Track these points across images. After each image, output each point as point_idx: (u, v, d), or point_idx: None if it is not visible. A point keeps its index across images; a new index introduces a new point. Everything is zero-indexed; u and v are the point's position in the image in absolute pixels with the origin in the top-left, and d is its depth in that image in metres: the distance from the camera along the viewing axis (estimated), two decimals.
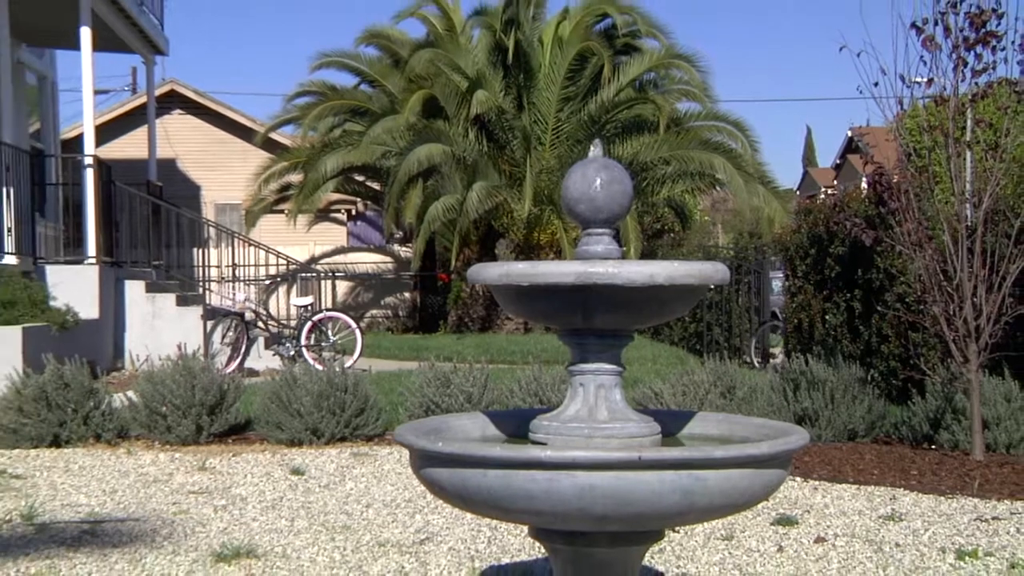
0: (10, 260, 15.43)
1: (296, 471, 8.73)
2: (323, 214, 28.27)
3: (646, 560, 4.65)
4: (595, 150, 4.13)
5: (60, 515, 7.37)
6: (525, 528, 4.29)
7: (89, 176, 16.94)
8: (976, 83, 9.12)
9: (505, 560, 6.20)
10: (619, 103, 24.35)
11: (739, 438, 4.22)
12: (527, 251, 23.93)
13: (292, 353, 16.38)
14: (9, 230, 16.04)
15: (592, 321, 3.99)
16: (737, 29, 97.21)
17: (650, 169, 23.81)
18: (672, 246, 26.24)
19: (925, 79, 9.22)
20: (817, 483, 8.13)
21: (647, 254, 24.14)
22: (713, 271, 3.96)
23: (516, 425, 4.36)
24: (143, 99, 26.55)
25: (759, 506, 4.34)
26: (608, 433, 3.95)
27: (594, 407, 4.03)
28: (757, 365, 16.85)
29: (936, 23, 8.95)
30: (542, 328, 19.43)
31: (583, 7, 25.09)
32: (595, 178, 4.01)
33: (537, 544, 4.16)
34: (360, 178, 27.17)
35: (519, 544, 6.39)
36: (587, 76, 24.35)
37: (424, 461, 3.92)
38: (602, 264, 3.82)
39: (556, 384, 9.83)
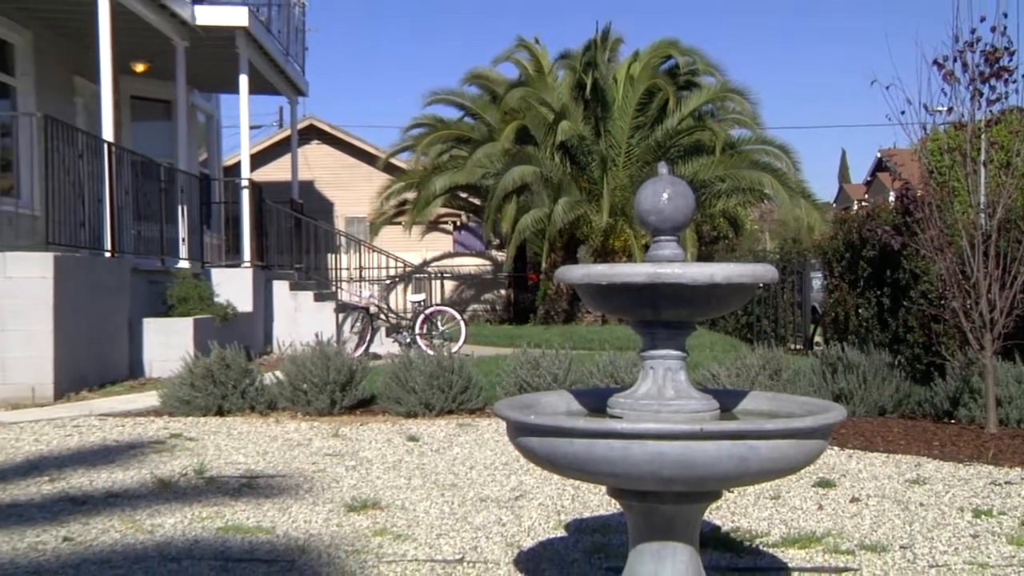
0: (184, 264, 15.70)
1: (412, 438, 8.77)
2: (433, 225, 28.36)
3: (705, 515, 4.59)
4: (662, 170, 4.12)
5: (223, 471, 7.49)
6: (604, 488, 4.25)
7: (245, 196, 17.16)
8: (990, 111, 9.06)
9: (586, 515, 6.18)
10: (681, 130, 24.25)
11: (786, 413, 4.18)
12: (604, 255, 23.89)
13: (408, 340, 16.44)
14: (183, 240, 16.32)
15: (660, 314, 3.98)
16: (783, 61, 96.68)
17: (708, 186, 23.66)
18: (726, 251, 26.00)
19: (945, 108, 9.13)
20: (852, 452, 8.03)
21: (704, 258, 23.93)
22: (763, 271, 3.96)
23: (596, 401, 4.35)
24: (288, 132, 26.83)
25: (802, 471, 4.30)
26: (674, 408, 3.94)
27: (662, 386, 4.01)
28: (800, 351, 16.68)
29: (955, 60, 8.89)
30: (616, 320, 19.40)
31: (650, 50, 25.14)
32: (663, 193, 4.01)
33: (613, 501, 4.12)
34: (464, 195, 27.23)
35: (598, 501, 6.36)
36: (654, 107, 24.27)
37: (519, 431, 3.93)
38: (669, 266, 3.83)
39: (629, 367, 9.77)
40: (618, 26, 27.06)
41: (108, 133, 13.65)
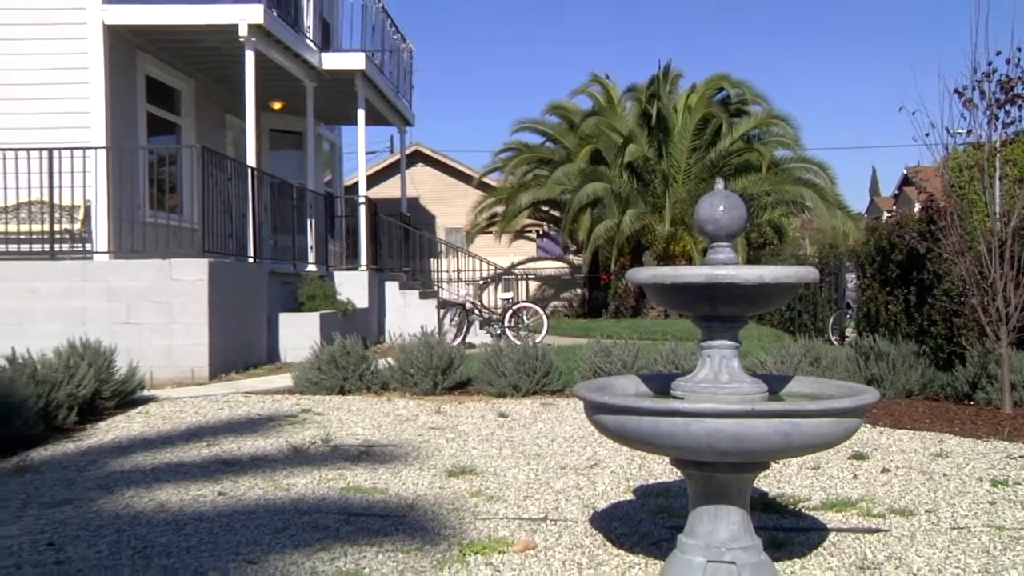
0: (312, 268, 15.88)
1: (502, 415, 8.77)
2: (519, 234, 28.36)
3: (755, 483, 4.53)
4: (718, 185, 4.15)
5: (345, 440, 7.56)
6: (667, 458, 4.22)
7: (362, 211, 17.30)
8: (1005, 132, 8.97)
9: (651, 481, 6.14)
10: (732, 151, 24.14)
11: (826, 395, 4.16)
12: (666, 259, 23.82)
13: (499, 332, 16.48)
14: (311, 247, 16.52)
15: (717, 309, 3.99)
16: (822, 88, 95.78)
17: (756, 199, 23.45)
18: (771, 255, 25.73)
19: (965, 130, 9.03)
20: (882, 429, 7.87)
21: (752, 261, 23.66)
22: (806, 273, 3.95)
23: (660, 385, 4.35)
24: (397, 157, 26.97)
25: (839, 445, 4.24)
26: (729, 391, 3.93)
27: (718, 372, 4.00)
28: (835, 342, 16.43)
29: (974, 88, 8.76)
30: (677, 314, 19.27)
31: (705, 83, 25.13)
32: (719, 206, 4.03)
33: (675, 469, 4.09)
34: (545, 208, 27.25)
35: (661, 470, 6.32)
36: (708, 132, 24.20)
37: (595, 410, 3.94)
38: (725, 268, 3.84)
39: (688, 355, 9.69)
40: (677, 63, 27.18)
41: (251, 160, 13.87)
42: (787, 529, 4.97)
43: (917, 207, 11.37)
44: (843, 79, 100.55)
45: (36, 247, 12.66)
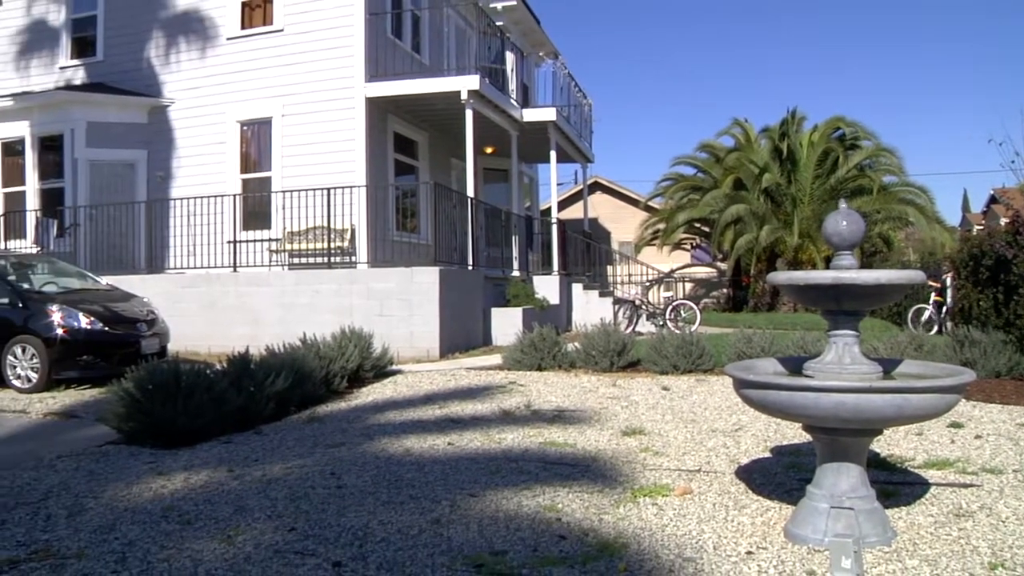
0: (515, 273, 16.09)
1: (664, 388, 8.65)
2: (676, 245, 27.84)
3: (870, 446, 4.32)
4: (842, 205, 4.02)
5: (541, 407, 7.61)
6: (798, 425, 4.08)
7: (554, 229, 17.41)
8: None
9: (784, 442, 5.94)
10: (848, 178, 23.15)
11: (931, 375, 3.94)
12: (795, 265, 23.01)
13: (661, 323, 16.24)
14: (515, 257, 16.75)
15: (841, 305, 3.87)
16: (923, 120, 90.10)
17: (868, 216, 22.28)
18: (880, 262, 24.44)
19: None
20: (975, 403, 7.34)
21: (864, 267, 22.53)
22: (916, 276, 3.79)
23: (794, 365, 4.23)
24: (580, 187, 26.96)
25: (940, 416, 4.00)
26: (851, 371, 3.79)
27: (842, 356, 3.86)
28: (913, 329, 15.47)
29: None
30: (805, 309, 18.62)
31: (825, 124, 24.24)
32: (842, 221, 3.91)
33: (804, 433, 3.96)
34: (697, 224, 26.70)
35: (793, 433, 6.10)
36: (828, 163, 23.30)
37: (742, 385, 3.87)
38: (847, 272, 3.73)
39: (814, 342, 9.30)
40: (802, 107, 26.39)
41: (470, 192, 14.18)
42: (895, 483, 4.71)
43: (1003, 221, 10.55)
44: (941, 111, 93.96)
45: (318, 259, 13.37)
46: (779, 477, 4.95)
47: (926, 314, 16.66)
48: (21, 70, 16.56)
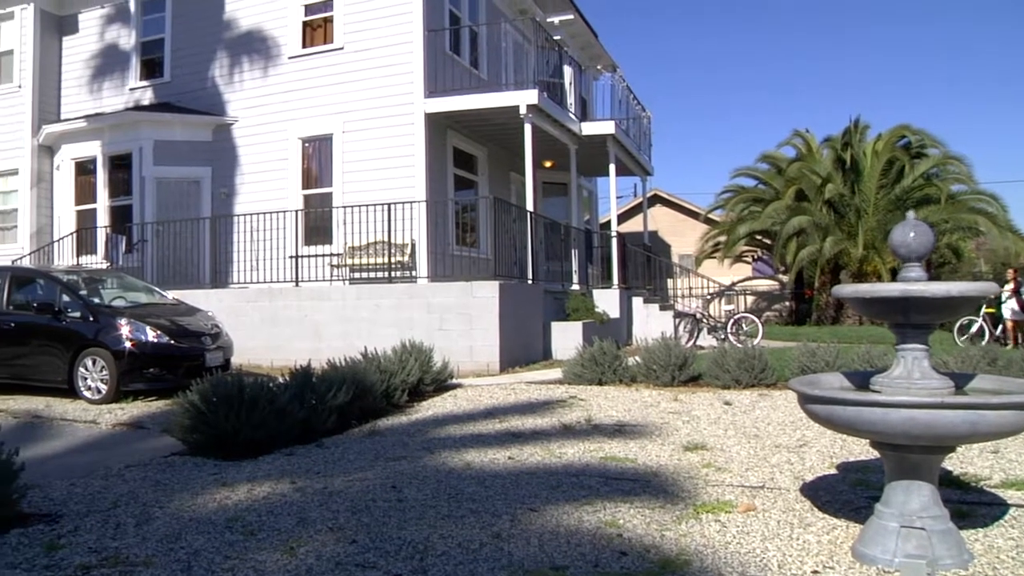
0: (575, 287, 16.06)
1: (726, 403, 8.55)
2: (737, 258, 27.56)
3: (942, 463, 4.21)
4: (909, 216, 3.96)
5: (602, 420, 7.59)
6: (865, 440, 4.00)
7: (614, 242, 17.37)
8: None
9: (851, 459, 5.82)
10: (913, 187, 22.77)
11: (1006, 391, 3.81)
12: (859, 277, 22.56)
13: (723, 337, 16.03)
14: (575, 271, 16.73)
15: (909, 318, 3.78)
16: (990, 126, 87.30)
17: (935, 226, 21.73)
18: (950, 273, 23.83)
19: None
20: None
21: (932, 279, 21.99)
22: (987, 287, 3.70)
23: (860, 380, 4.13)
24: (639, 200, 26.86)
25: (1019, 434, 3.86)
26: (920, 386, 3.69)
27: (911, 370, 3.77)
28: (960, 342, 14.99)
29: None
30: (870, 321, 18.20)
31: (889, 133, 23.96)
32: (910, 232, 3.83)
33: (871, 450, 3.87)
34: (758, 237, 26.40)
35: (859, 450, 5.97)
36: (893, 172, 22.94)
37: (807, 400, 3.81)
38: (916, 284, 3.65)
39: (880, 356, 9.11)
40: (865, 116, 26.02)
41: (530, 206, 14.22)
42: (970, 503, 4.58)
43: None
44: (1013, 117, 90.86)
45: (379, 274, 13.56)
46: (846, 494, 4.84)
47: (975, 326, 16.15)
48: (94, 92, 17.20)
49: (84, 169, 16.42)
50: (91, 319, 9.96)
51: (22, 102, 17.26)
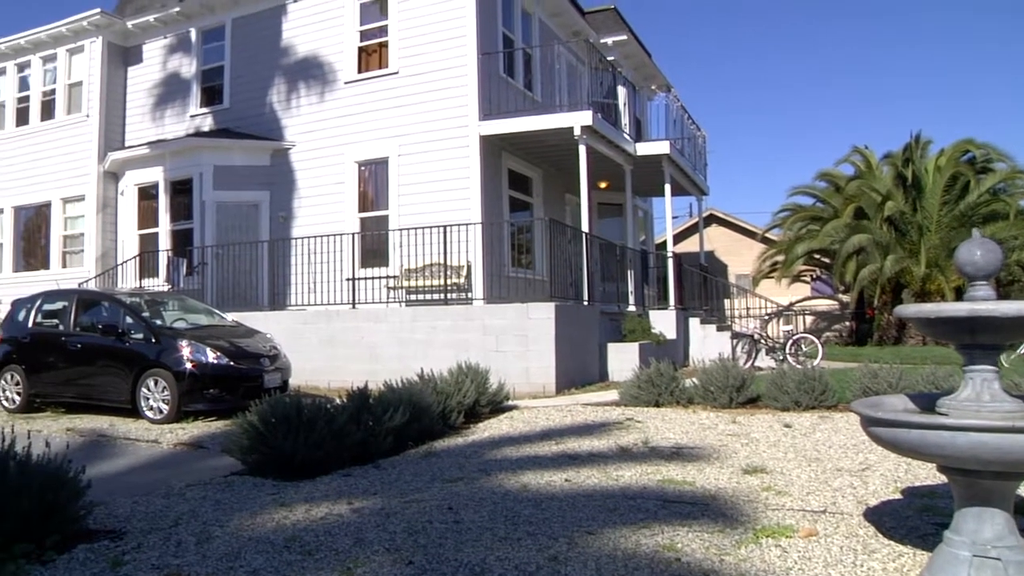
0: (631, 308, 16.01)
1: (786, 425, 8.40)
2: (796, 277, 27.14)
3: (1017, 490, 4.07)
4: (976, 233, 3.88)
5: (660, 443, 7.52)
6: (932, 464, 3.90)
7: (670, 263, 17.25)
8: None
9: (917, 484, 5.66)
10: (979, 203, 22.20)
11: None
12: (922, 296, 21.99)
13: (781, 358, 15.77)
14: (631, 292, 16.67)
15: (977, 338, 3.67)
16: None
17: (1003, 243, 21.09)
18: (1019, 292, 23.08)
19: None
20: None
21: (1000, 298, 21.37)
22: None
23: (925, 402, 4.03)
24: (695, 220, 26.74)
25: None
26: (991, 409, 3.59)
27: (980, 392, 3.67)
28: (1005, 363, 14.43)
29: None
30: (934, 342, 17.73)
31: (953, 147, 23.38)
32: (976, 250, 3.74)
33: (938, 474, 3.77)
34: (817, 256, 26.00)
35: (926, 474, 5.82)
36: (957, 188, 22.41)
37: (870, 423, 3.73)
38: (984, 303, 3.54)
39: (946, 377, 8.87)
40: (926, 131, 25.48)
41: (585, 227, 14.22)
42: None
43: None
44: None
45: (435, 295, 13.69)
46: (912, 520, 4.73)
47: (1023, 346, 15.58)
48: (156, 120, 17.78)
49: (147, 194, 16.94)
50: (153, 341, 10.24)
51: (90, 130, 17.93)
